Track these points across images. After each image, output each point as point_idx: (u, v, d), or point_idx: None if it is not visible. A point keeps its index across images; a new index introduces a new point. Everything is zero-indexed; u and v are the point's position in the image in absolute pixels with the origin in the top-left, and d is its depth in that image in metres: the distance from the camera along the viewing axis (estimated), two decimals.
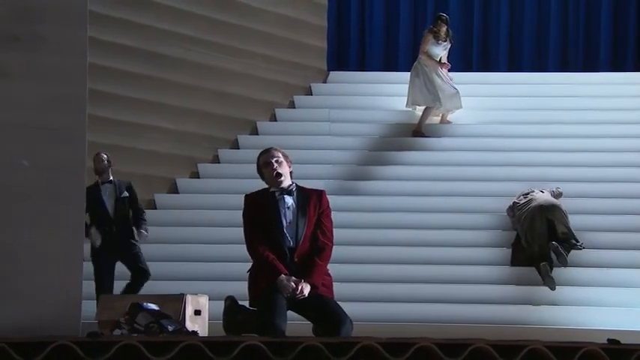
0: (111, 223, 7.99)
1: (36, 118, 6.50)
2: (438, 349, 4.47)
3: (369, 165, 10.43)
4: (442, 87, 10.65)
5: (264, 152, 5.15)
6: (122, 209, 8.03)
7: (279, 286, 4.90)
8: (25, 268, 6.66)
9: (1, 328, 6.48)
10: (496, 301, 8.65)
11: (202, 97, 10.40)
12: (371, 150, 10.63)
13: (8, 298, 6.53)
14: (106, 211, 7.99)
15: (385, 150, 10.64)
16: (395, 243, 9.34)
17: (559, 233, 8.86)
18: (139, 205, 8.18)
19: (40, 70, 6.44)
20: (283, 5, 11.20)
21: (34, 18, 6.44)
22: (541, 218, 8.86)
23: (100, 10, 9.16)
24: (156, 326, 5.18)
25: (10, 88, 6.40)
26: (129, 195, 8.06)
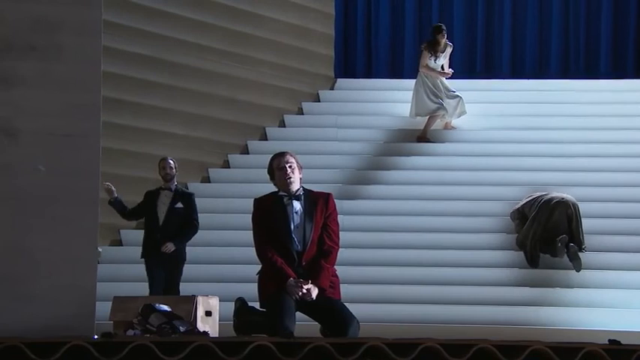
0: (158, 231, 7.76)
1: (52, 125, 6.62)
2: (442, 349, 4.52)
3: (376, 170, 10.54)
4: (445, 96, 10.75)
5: (278, 155, 5.21)
6: (173, 220, 7.76)
7: (287, 289, 4.98)
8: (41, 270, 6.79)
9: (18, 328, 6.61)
10: (500, 302, 8.74)
11: (214, 104, 10.52)
12: (377, 155, 10.73)
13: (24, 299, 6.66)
14: (156, 219, 7.76)
15: (391, 155, 10.74)
16: (400, 246, 9.43)
17: (573, 230, 8.95)
18: (191, 220, 7.81)
19: (56, 79, 6.57)
20: (292, 15, 11.32)
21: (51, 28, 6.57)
22: (561, 209, 8.95)
23: (115, 19, 9.29)
24: (168, 327, 5.26)
25: (28, 95, 6.53)
26: (183, 207, 7.79)
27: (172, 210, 7.71)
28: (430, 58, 10.70)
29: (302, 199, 5.14)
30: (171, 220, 7.72)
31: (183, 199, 7.78)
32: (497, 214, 9.76)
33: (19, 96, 6.53)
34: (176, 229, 7.74)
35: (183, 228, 7.79)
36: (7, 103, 6.55)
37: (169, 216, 7.69)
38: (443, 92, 10.74)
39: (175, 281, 7.76)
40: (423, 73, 10.75)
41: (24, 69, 6.48)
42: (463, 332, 7.56)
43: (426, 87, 10.73)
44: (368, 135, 10.98)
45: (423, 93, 10.75)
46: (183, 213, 7.76)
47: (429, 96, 10.71)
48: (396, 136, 10.98)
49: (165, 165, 7.81)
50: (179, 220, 7.75)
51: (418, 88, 10.78)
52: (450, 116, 10.85)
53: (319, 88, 11.67)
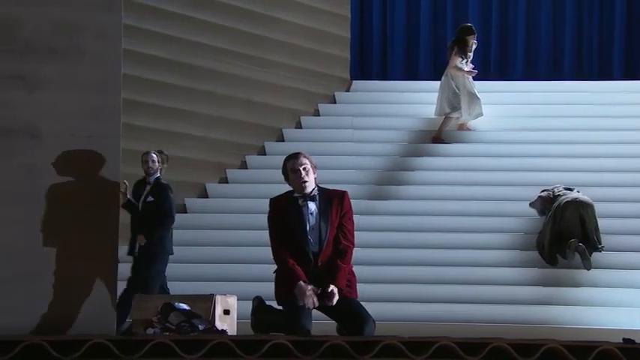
0: (134, 225, 7.65)
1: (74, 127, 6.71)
2: (458, 347, 4.55)
3: (391, 170, 10.58)
4: (467, 96, 10.76)
5: (292, 157, 5.21)
6: (145, 213, 7.63)
7: (296, 292, 5.00)
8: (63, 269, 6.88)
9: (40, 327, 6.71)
10: (515, 301, 8.75)
11: (231, 106, 10.58)
12: (393, 156, 10.77)
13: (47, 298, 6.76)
14: (135, 212, 7.67)
15: (407, 156, 10.78)
16: (417, 245, 9.46)
17: (587, 231, 8.98)
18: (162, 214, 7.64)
19: (77, 81, 6.66)
20: (309, 18, 11.36)
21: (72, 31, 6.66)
22: (574, 210, 8.98)
23: (135, 23, 9.37)
24: (187, 325, 5.32)
25: (50, 98, 6.63)
26: (154, 200, 7.68)
27: (145, 203, 7.62)
28: (462, 62, 10.71)
29: (317, 199, 5.14)
30: (144, 214, 7.60)
31: (155, 192, 7.64)
32: (510, 214, 9.79)
33: (41, 98, 6.63)
34: (150, 222, 7.62)
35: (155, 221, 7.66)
36: (30, 106, 6.65)
37: (143, 209, 7.60)
38: (465, 93, 10.75)
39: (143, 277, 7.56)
40: (451, 74, 10.73)
41: (46, 72, 6.59)
42: (478, 331, 7.59)
43: (449, 88, 10.74)
44: (384, 136, 11.02)
45: (443, 93, 10.76)
46: (154, 206, 7.63)
47: (449, 96, 10.74)
48: (412, 137, 11.02)
49: (148, 159, 7.68)
50: (152, 213, 7.62)
51: (444, 88, 10.77)
52: (465, 117, 10.87)
53: (335, 90, 11.72)
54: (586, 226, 8.99)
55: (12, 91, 6.59)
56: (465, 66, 10.71)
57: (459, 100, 10.71)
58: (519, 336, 5.09)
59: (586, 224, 8.99)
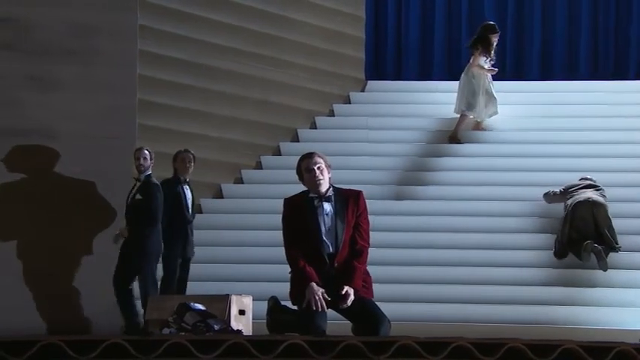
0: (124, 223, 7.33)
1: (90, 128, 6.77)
2: (474, 348, 4.55)
3: (406, 170, 10.57)
4: (485, 95, 10.74)
5: (306, 157, 5.18)
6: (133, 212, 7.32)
7: (307, 292, 4.97)
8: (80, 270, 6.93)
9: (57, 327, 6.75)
10: (532, 302, 8.74)
11: (246, 106, 10.61)
12: (408, 156, 10.76)
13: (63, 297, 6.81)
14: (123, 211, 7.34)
15: (422, 156, 10.77)
16: (432, 246, 9.45)
17: (601, 231, 8.95)
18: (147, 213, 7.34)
19: (93, 82, 6.71)
20: (324, 18, 11.37)
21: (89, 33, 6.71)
22: (586, 210, 8.96)
23: (150, 24, 9.40)
24: (203, 325, 5.33)
25: (66, 99, 6.69)
26: (142, 198, 7.37)
27: (134, 200, 7.36)
28: (486, 62, 10.67)
29: (332, 199, 5.12)
30: (131, 213, 7.34)
31: (142, 190, 7.39)
32: (525, 214, 9.77)
33: (57, 99, 6.69)
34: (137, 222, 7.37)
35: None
36: (46, 107, 6.71)
37: (130, 207, 7.34)
38: (484, 92, 10.72)
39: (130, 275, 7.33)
40: (472, 72, 10.68)
41: (62, 73, 6.64)
42: (494, 331, 7.57)
43: (469, 86, 10.71)
44: (399, 136, 11.02)
45: (463, 91, 10.73)
46: (142, 205, 7.38)
47: (467, 95, 10.72)
48: (427, 137, 11.01)
49: (140, 155, 7.37)
50: (138, 211, 7.37)
51: (464, 86, 10.72)
52: (481, 116, 10.85)
53: (350, 90, 11.72)
54: (599, 227, 8.95)
55: (28, 92, 6.65)
56: (486, 64, 10.66)
57: (476, 99, 10.69)
58: (535, 336, 5.06)
59: (599, 224, 8.96)
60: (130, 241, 7.33)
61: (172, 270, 7.82)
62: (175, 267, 7.82)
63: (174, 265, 7.83)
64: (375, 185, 10.08)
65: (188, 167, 7.90)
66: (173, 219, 7.79)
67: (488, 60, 10.66)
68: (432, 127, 11.10)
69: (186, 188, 7.94)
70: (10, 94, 6.80)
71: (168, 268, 7.80)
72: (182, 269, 7.92)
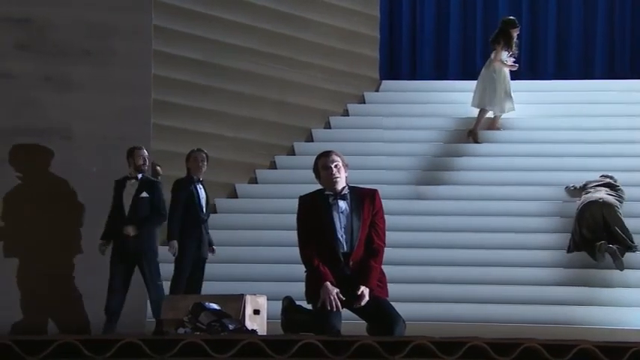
0: (124, 223, 7.19)
1: (105, 128, 6.80)
2: (489, 348, 4.53)
3: (422, 170, 10.56)
4: (504, 92, 10.72)
5: (323, 155, 5.17)
6: (141, 210, 7.22)
7: (321, 292, 4.96)
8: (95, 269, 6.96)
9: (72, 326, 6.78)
10: (546, 301, 8.72)
11: (261, 106, 10.63)
12: (423, 155, 10.75)
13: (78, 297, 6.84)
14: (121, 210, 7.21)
15: (437, 155, 10.76)
16: (448, 245, 9.43)
17: (613, 231, 8.92)
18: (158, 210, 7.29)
19: (109, 83, 6.74)
20: (338, 18, 11.38)
21: (104, 34, 6.75)
22: (596, 210, 8.93)
23: (166, 24, 9.43)
24: (217, 325, 5.34)
25: (82, 99, 6.72)
26: (149, 196, 7.28)
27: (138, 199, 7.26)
28: (509, 57, 10.65)
29: (348, 198, 5.11)
30: (140, 211, 7.26)
31: (147, 188, 7.31)
32: (540, 214, 9.75)
33: (73, 100, 6.73)
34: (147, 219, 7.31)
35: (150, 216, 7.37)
36: (62, 107, 6.75)
37: (136, 206, 7.24)
38: (503, 88, 10.72)
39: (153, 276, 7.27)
40: (494, 67, 10.66)
41: (79, 73, 6.68)
42: (509, 331, 7.56)
43: (490, 81, 10.70)
44: (414, 136, 11.01)
45: (484, 86, 10.69)
46: (149, 202, 7.32)
47: (489, 90, 10.71)
48: (442, 136, 11.00)
49: (141, 154, 7.20)
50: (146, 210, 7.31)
51: (485, 81, 10.70)
52: (498, 113, 10.83)
53: (364, 90, 11.71)
54: (610, 226, 8.92)
55: (44, 92, 6.69)
56: (507, 58, 10.66)
57: (497, 94, 10.70)
58: (551, 336, 5.04)
59: (610, 225, 8.93)
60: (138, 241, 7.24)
61: (183, 270, 7.72)
62: (186, 267, 7.72)
63: (186, 265, 7.73)
64: (390, 185, 10.07)
65: (201, 167, 7.84)
66: (186, 219, 7.73)
67: (510, 54, 10.64)
68: (447, 127, 11.08)
69: (199, 187, 7.88)
70: (26, 95, 6.84)
71: (179, 268, 7.72)
72: (197, 269, 7.85)
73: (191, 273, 7.74)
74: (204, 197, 7.89)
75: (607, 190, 9.27)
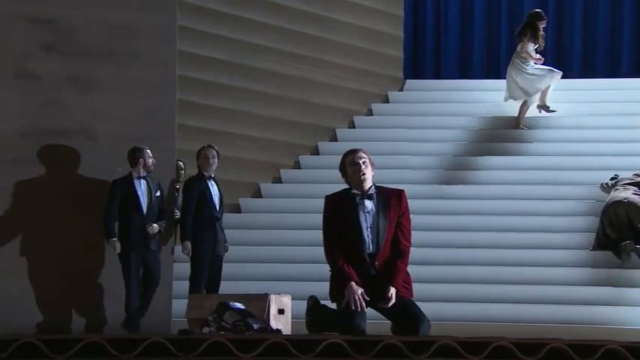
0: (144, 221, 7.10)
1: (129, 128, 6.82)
2: (515, 348, 4.50)
3: (446, 169, 10.52)
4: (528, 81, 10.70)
5: (351, 152, 5.14)
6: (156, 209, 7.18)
7: (346, 292, 4.94)
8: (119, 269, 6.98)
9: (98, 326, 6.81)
10: (573, 301, 8.65)
11: (285, 106, 10.64)
12: (447, 155, 10.71)
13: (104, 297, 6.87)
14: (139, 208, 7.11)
15: (461, 155, 10.71)
16: (473, 245, 9.39)
17: (637, 231, 8.86)
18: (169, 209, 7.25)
19: (133, 83, 6.77)
20: (362, 17, 11.36)
21: (129, 34, 6.77)
22: (620, 210, 8.88)
23: (189, 24, 9.46)
24: (242, 324, 5.35)
25: (106, 100, 6.75)
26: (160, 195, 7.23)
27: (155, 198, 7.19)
28: (535, 48, 10.67)
29: (374, 197, 5.08)
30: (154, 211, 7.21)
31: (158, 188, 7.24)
32: (567, 213, 9.67)
33: (97, 100, 6.76)
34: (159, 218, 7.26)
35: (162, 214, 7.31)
36: (86, 107, 6.78)
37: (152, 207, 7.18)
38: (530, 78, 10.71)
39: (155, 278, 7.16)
40: (521, 59, 10.67)
41: (103, 74, 6.71)
42: (535, 331, 7.52)
43: (519, 73, 10.70)
44: (438, 135, 10.97)
45: (524, 74, 10.67)
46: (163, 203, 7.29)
47: (522, 83, 10.71)
48: (467, 136, 10.95)
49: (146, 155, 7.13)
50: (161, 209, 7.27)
51: (518, 72, 10.69)
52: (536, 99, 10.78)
53: (388, 90, 11.69)
54: (635, 227, 8.86)
55: (69, 93, 6.72)
56: (534, 53, 10.68)
57: (526, 82, 10.67)
58: (577, 337, 5.01)
59: (635, 224, 8.86)
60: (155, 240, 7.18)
61: (199, 269, 7.60)
62: (203, 266, 7.60)
63: (202, 264, 7.60)
64: (415, 184, 10.04)
65: (212, 163, 7.63)
66: (200, 217, 7.60)
67: (536, 47, 10.66)
68: (471, 126, 11.03)
69: (211, 185, 7.68)
70: (51, 95, 6.88)
71: (195, 267, 7.61)
72: (214, 267, 7.70)
73: (208, 271, 7.64)
74: (217, 195, 7.71)
75: (635, 189, 9.20)
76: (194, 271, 7.65)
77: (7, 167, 6.74)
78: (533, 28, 10.68)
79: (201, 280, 7.61)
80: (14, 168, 6.75)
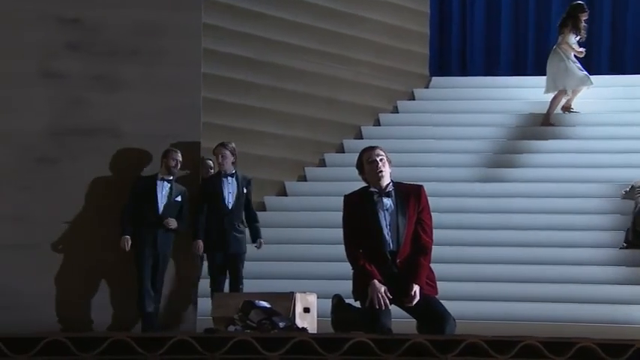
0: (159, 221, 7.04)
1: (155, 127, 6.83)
2: (543, 347, 4.46)
3: (472, 167, 10.47)
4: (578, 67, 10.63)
5: (368, 149, 5.12)
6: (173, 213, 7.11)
7: (369, 290, 4.91)
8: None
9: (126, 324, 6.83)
10: (601, 300, 8.57)
11: (310, 103, 10.62)
12: (474, 152, 10.65)
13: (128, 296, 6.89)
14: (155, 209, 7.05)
15: (488, 152, 10.64)
16: (500, 244, 9.33)
17: None
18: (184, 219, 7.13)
19: (158, 81, 6.77)
20: (388, 14, 11.31)
21: (153, 32, 6.77)
22: None
23: (215, 22, 9.47)
24: (268, 323, 5.34)
25: (131, 98, 6.76)
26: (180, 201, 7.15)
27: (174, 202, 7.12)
28: (576, 38, 10.67)
29: (392, 194, 5.04)
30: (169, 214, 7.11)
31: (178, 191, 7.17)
32: (598, 211, 9.58)
33: (123, 99, 6.77)
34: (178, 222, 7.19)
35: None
36: (111, 106, 6.80)
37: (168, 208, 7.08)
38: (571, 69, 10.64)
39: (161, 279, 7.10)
40: (563, 50, 10.67)
41: (127, 72, 6.72)
42: (563, 331, 7.45)
43: (559, 64, 10.66)
44: (465, 133, 10.90)
45: (570, 64, 10.62)
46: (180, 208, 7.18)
47: (562, 74, 10.65)
48: (493, 133, 10.87)
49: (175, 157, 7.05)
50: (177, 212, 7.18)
51: (559, 61, 10.64)
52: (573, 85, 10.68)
53: (414, 87, 11.63)
54: None
55: (94, 92, 6.74)
56: (576, 45, 10.66)
57: (567, 72, 10.61)
58: (607, 336, 4.95)
59: None
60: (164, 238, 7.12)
61: (210, 268, 7.48)
62: (212, 265, 7.46)
63: (212, 263, 7.46)
64: (441, 182, 9.99)
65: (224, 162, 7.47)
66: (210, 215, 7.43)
67: (578, 38, 10.67)
68: (498, 123, 10.96)
69: (228, 182, 7.48)
70: (76, 94, 6.90)
71: (210, 267, 7.51)
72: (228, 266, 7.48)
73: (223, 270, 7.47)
74: (233, 192, 7.54)
75: None
76: (208, 271, 7.56)
77: (33, 166, 6.78)
78: (574, 19, 10.69)
79: (214, 278, 7.44)
80: (39, 167, 6.78)
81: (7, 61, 6.73)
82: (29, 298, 6.61)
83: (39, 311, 6.52)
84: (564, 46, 10.68)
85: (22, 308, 6.53)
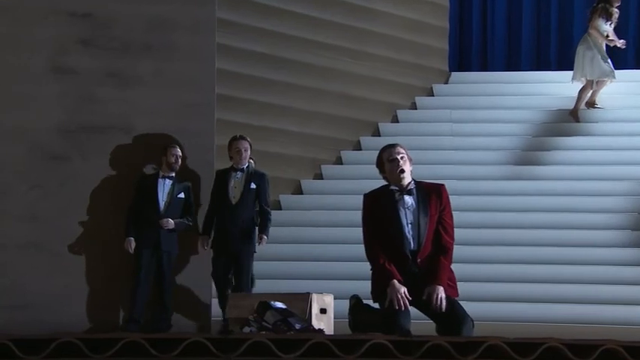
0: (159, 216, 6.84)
1: (167, 123, 6.76)
2: (566, 349, 4.40)
3: (492, 165, 10.35)
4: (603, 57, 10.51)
5: (388, 147, 5.05)
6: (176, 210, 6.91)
7: (389, 291, 4.85)
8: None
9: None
10: (626, 302, 8.45)
11: (327, 100, 10.53)
12: (493, 150, 10.53)
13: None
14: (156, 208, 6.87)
15: (508, 149, 10.53)
16: (520, 243, 9.24)
17: None
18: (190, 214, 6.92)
19: (171, 77, 6.70)
20: (407, 8, 11.22)
21: (166, 27, 6.70)
22: None
23: (229, 17, 9.39)
24: (283, 324, 5.27)
25: (144, 94, 6.69)
26: (184, 197, 6.93)
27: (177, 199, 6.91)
28: (607, 24, 10.57)
29: (414, 193, 4.97)
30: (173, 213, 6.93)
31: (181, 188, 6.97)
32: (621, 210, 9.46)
33: (135, 95, 6.70)
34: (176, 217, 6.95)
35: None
36: (124, 102, 6.73)
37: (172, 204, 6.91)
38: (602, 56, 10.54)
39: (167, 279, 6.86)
40: (592, 37, 10.55)
41: (140, 68, 6.65)
42: (585, 332, 7.31)
43: (599, 48, 10.51)
44: (484, 129, 10.78)
45: (597, 54, 10.50)
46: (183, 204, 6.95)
47: (604, 57, 10.51)
48: (514, 129, 10.75)
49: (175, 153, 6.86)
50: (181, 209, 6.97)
51: (586, 49, 10.53)
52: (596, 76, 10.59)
53: (433, 82, 11.52)
54: None
55: (106, 88, 6.67)
56: (607, 29, 10.53)
57: (593, 61, 10.50)
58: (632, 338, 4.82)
59: None
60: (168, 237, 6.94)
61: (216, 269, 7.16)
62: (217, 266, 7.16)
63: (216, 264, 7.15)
64: (460, 180, 9.89)
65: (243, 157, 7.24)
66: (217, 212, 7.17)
67: (609, 23, 10.56)
68: (520, 119, 10.84)
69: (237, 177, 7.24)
70: (89, 90, 6.83)
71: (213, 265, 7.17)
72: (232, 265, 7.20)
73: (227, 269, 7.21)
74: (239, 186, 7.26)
75: None
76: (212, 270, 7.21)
77: (45, 163, 6.72)
78: (605, 3, 10.57)
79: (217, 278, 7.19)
80: (51, 164, 6.72)
81: (18, 56, 6.67)
82: (41, 297, 6.55)
83: (50, 311, 6.45)
84: (593, 32, 10.53)
85: (33, 308, 6.48)
